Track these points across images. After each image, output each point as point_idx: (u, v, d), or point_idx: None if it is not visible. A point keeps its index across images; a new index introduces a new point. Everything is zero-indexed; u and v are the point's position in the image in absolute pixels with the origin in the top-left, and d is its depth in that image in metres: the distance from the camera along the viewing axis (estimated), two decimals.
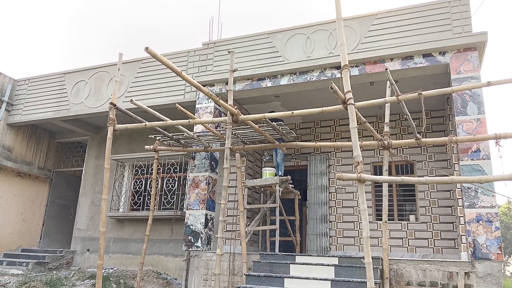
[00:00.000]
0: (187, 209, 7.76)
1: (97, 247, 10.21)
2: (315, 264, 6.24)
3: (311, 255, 6.81)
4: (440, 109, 8.63)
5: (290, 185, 8.27)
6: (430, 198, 8.65)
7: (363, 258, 5.03)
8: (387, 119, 6.13)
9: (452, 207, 8.38)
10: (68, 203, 12.57)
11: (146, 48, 4.25)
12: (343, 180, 3.88)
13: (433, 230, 8.44)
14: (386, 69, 5.08)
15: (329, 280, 5.82)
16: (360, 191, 3.80)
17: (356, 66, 7.27)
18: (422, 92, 4.88)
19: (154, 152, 7.50)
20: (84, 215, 10.96)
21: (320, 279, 5.85)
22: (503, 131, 6.19)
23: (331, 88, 4.09)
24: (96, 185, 10.98)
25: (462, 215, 7.11)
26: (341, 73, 4.10)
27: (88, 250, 10.54)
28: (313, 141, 9.24)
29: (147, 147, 7.67)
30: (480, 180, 4.48)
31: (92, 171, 11.22)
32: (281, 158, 8.60)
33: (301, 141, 9.31)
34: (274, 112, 8.17)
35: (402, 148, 8.99)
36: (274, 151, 8.69)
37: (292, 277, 6.06)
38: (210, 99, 8.12)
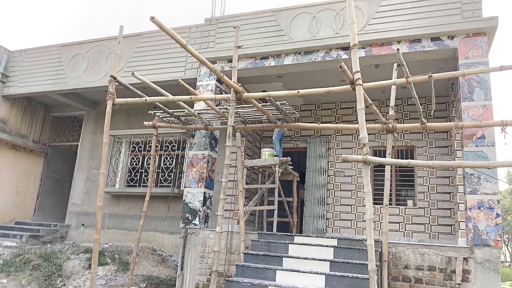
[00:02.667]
0: (185, 187, 7.68)
1: (92, 222, 10.13)
2: (314, 245, 6.23)
3: (310, 236, 6.80)
4: (443, 95, 8.54)
5: (290, 167, 8.21)
6: (429, 184, 8.66)
7: (365, 240, 5.02)
8: (392, 102, 6.05)
9: (451, 193, 8.38)
10: (63, 178, 12.46)
11: (152, 18, 4.09)
12: (348, 161, 3.87)
13: (430, 215, 8.48)
14: (398, 49, 4.96)
15: (328, 260, 5.81)
16: (365, 173, 3.76)
17: (363, 48, 7.13)
18: (433, 75, 4.78)
19: (153, 129, 7.33)
20: (79, 190, 10.87)
21: (319, 260, 5.85)
22: (509, 118, 6.14)
23: (340, 67, 3.98)
24: (92, 161, 10.86)
25: (462, 202, 7.13)
26: (350, 53, 3.99)
27: (83, 225, 10.49)
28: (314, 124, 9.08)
29: (146, 123, 7.47)
30: (489, 165, 4.49)
31: (88, 146, 11.08)
32: (277, 137, 8.52)
33: (302, 122, 8.95)
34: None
35: (404, 133, 8.94)
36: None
37: (290, 257, 6.05)
38: (212, 77, 8.04)
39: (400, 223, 8.57)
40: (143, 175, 9.67)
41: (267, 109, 6.50)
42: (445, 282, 5.79)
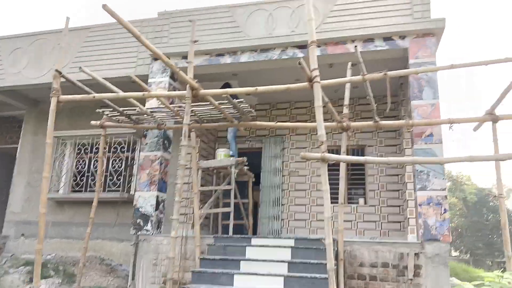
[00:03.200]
0: (136, 191, 7.40)
1: (32, 231, 9.42)
2: (271, 246, 6.14)
3: (267, 237, 6.72)
4: (393, 95, 8.72)
5: (245, 167, 8.11)
6: (379, 182, 8.87)
7: (323, 239, 4.97)
8: (346, 101, 6.08)
9: (400, 191, 8.63)
10: (1, 184, 11.51)
11: (104, 5, 3.82)
12: (307, 159, 3.84)
13: (381, 213, 8.68)
14: (356, 46, 5.02)
15: (286, 262, 5.74)
16: (323, 172, 3.72)
17: (318, 47, 7.11)
18: (388, 73, 4.85)
19: (101, 129, 6.99)
20: (19, 196, 10.08)
21: (277, 261, 5.76)
22: (455, 116, 6.42)
23: (299, 64, 3.99)
24: (33, 164, 10.12)
25: (412, 199, 7.37)
26: (308, 50, 3.95)
27: (23, 235, 9.73)
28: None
29: (93, 122, 7.04)
30: (441, 161, 4.63)
31: (29, 148, 10.32)
32: (232, 136, 8.42)
33: (258, 121, 8.91)
34: (229, 84, 8.13)
35: (355, 133, 9.10)
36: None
37: (248, 260, 5.92)
38: (165, 73, 7.83)
39: (353, 221, 8.69)
40: (89, 179, 9.21)
41: (223, 108, 6.36)
42: (398, 278, 5.90)
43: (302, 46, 7.17)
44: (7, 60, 9.39)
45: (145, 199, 7.27)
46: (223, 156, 7.99)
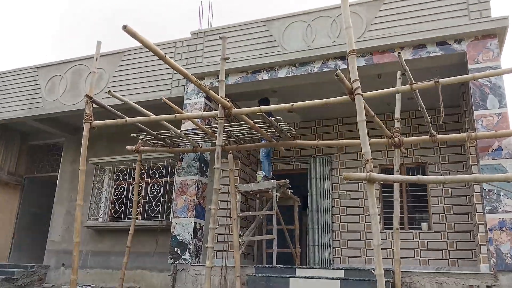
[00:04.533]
0: (173, 217, 7.53)
1: None
2: (318, 278, 5.97)
3: (314, 268, 6.54)
4: (454, 105, 8.44)
5: (289, 190, 8.01)
6: (444, 204, 8.45)
7: (373, 270, 4.79)
8: (397, 114, 5.94)
9: (469, 214, 8.15)
10: (42, 213, 12.16)
11: (124, 27, 3.98)
12: (350, 180, 3.68)
13: (447, 240, 8.24)
14: (399, 53, 4.86)
15: None
16: (370, 193, 3.58)
17: (363, 56, 7.11)
18: (439, 80, 4.65)
19: (137, 154, 7.28)
20: (59, 225, 10.61)
21: None
22: None
23: (337, 76, 3.90)
24: (73, 192, 10.61)
25: (482, 222, 6.89)
26: (347, 60, 3.91)
27: (63, 264, 10.17)
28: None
29: (128, 147, 7.35)
30: (508, 178, 4.27)
31: (69, 176, 10.89)
32: (264, 155, 8.32)
33: (301, 139, 8.68)
34: (267, 100, 8.12)
35: (413, 149, 8.77)
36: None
37: None
38: (200, 94, 8.02)
39: (415, 249, 8.33)
40: (128, 206, 9.42)
41: (260, 126, 6.35)
42: None
43: (345, 57, 7.08)
44: (45, 88, 10.08)
45: (182, 226, 7.38)
46: (261, 179, 7.94)
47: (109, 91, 5.98)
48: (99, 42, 6.03)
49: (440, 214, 8.39)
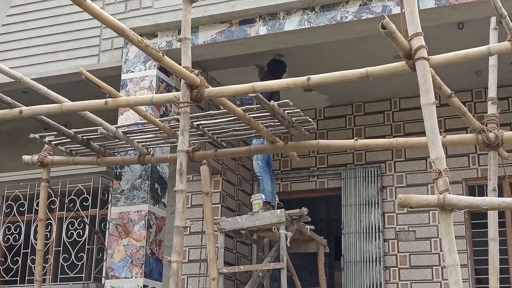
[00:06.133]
0: (108, 278, 6.36)
1: None
2: None
3: None
4: None
5: (308, 227, 6.70)
6: None
7: None
8: (492, 93, 4.81)
9: None
10: None
11: None
12: (412, 207, 2.97)
13: None
14: None
15: None
16: (445, 229, 2.84)
17: None
18: None
19: (42, 168, 6.08)
20: None
21: None
22: None
23: (383, 28, 3.16)
24: None
25: None
26: (401, 1, 3.45)
27: None
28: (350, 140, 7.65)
29: (26, 158, 6.06)
30: None
31: None
32: (262, 166, 7.06)
33: (327, 139, 8.03)
34: (276, 64, 7.14)
35: None
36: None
37: None
38: (150, 64, 6.76)
39: None
40: (28, 260, 7.88)
41: (255, 117, 5.21)
42: None
43: None
44: None
45: None
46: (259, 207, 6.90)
47: None
48: None
49: None
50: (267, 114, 5.02)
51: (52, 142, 5.88)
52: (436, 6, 5.65)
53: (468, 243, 7.54)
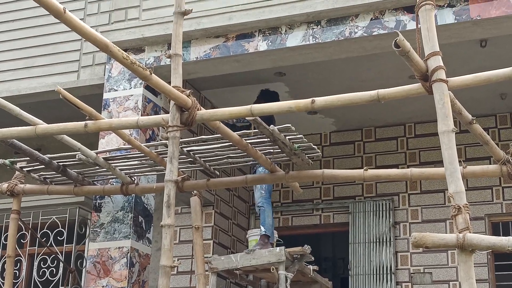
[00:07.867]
0: None
1: None
2: None
3: None
4: None
5: (311, 267, 6.61)
6: None
7: None
8: None
9: None
10: None
11: None
12: (428, 247, 3.03)
13: None
14: None
15: None
16: (464, 270, 2.83)
17: (450, 6, 5.77)
18: None
19: (12, 198, 6.04)
20: None
21: None
22: None
23: (397, 47, 3.12)
24: None
25: None
26: (417, 14, 3.37)
27: None
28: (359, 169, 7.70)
29: None
30: None
31: None
32: (265, 197, 7.02)
33: (333, 168, 8.07)
34: (269, 94, 7.08)
35: None
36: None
37: None
38: (135, 82, 6.75)
39: None
40: None
41: (252, 143, 5.24)
42: None
43: (413, 8, 5.64)
44: None
45: None
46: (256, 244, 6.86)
47: None
48: None
49: None
50: (266, 140, 4.99)
51: (24, 169, 5.85)
52: (456, 21, 5.65)
53: (492, 287, 7.39)
